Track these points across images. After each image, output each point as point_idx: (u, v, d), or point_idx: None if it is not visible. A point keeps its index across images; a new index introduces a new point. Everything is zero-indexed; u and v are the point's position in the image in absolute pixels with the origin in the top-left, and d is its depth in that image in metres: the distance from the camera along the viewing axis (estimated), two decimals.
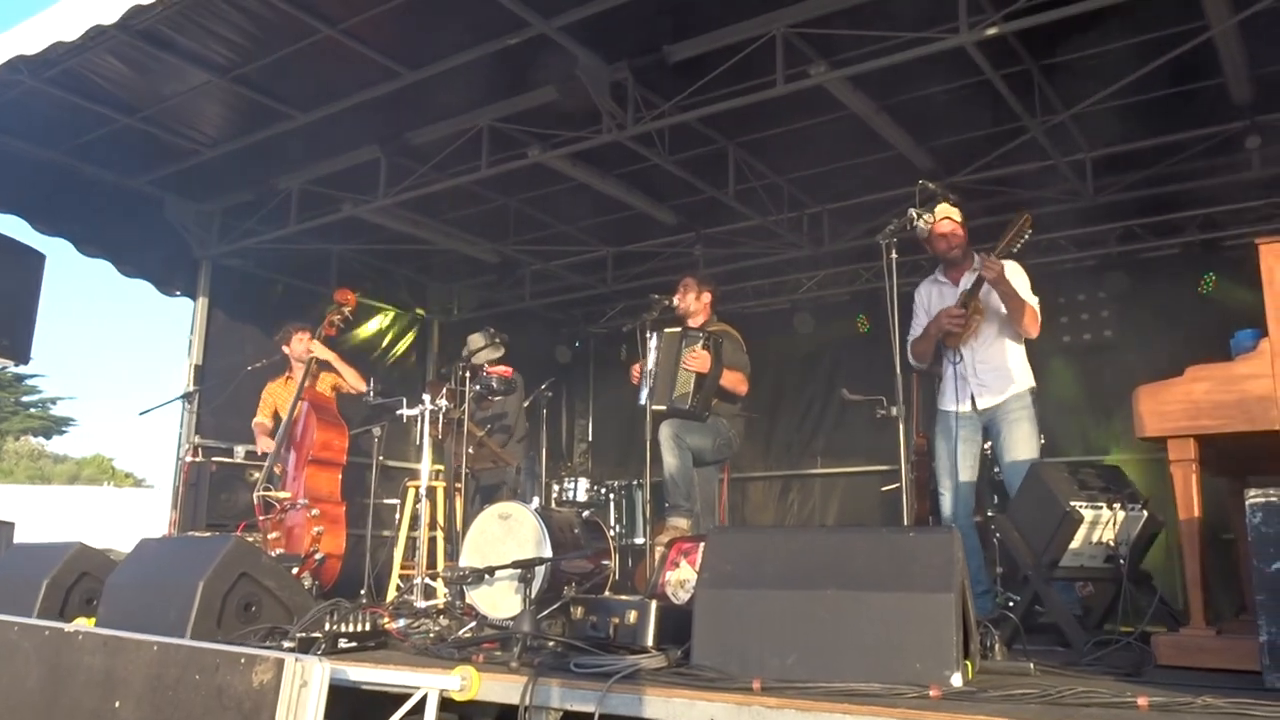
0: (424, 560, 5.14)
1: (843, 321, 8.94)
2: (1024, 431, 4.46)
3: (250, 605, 3.64)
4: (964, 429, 4.55)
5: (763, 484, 9.31)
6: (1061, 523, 3.58)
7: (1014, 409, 4.49)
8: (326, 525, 5.66)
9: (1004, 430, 4.50)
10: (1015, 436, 4.46)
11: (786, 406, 9.25)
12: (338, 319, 6.40)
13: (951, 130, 6.32)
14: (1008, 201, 6.77)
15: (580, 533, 4.83)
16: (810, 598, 2.75)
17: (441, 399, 5.33)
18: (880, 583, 2.72)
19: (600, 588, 4.74)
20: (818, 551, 2.91)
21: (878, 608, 2.67)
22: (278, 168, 6.92)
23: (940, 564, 2.70)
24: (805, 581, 2.80)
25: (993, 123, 6.08)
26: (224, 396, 7.07)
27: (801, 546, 2.96)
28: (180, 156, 6.67)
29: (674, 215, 7.69)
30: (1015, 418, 4.48)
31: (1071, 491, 3.65)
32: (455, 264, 8.97)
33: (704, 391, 5.15)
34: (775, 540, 3.03)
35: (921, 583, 2.68)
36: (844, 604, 2.71)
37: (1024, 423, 4.47)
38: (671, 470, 5.11)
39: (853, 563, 2.81)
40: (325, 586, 5.54)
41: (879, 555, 2.80)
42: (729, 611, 2.85)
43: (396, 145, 6.40)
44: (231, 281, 7.65)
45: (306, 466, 5.82)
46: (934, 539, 2.83)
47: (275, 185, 7.10)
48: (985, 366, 4.55)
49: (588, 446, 10.81)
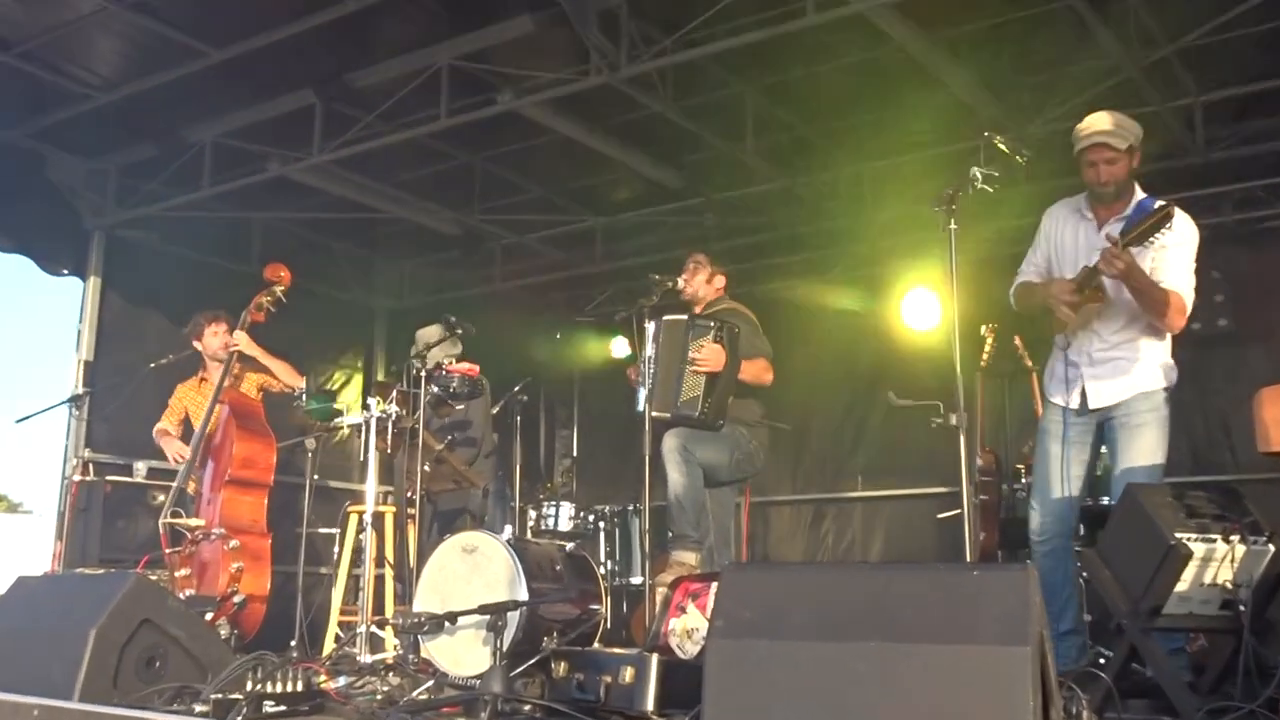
0: (369, 604, 5.12)
1: (889, 307, 8.93)
2: (1146, 441, 4.27)
3: (154, 660, 3.61)
4: (1068, 429, 4.43)
5: (790, 509, 9.29)
6: (1165, 559, 3.55)
7: (1139, 411, 4.30)
8: (248, 561, 5.64)
9: (1120, 435, 4.32)
10: (1133, 446, 4.28)
11: (820, 413, 9.23)
12: (268, 301, 6.36)
13: (1025, 70, 6.29)
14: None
15: (563, 570, 4.81)
16: (849, 652, 2.73)
17: (391, 404, 5.31)
18: (936, 633, 2.69)
19: (588, 638, 4.71)
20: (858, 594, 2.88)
21: (933, 665, 2.64)
22: (188, 117, 6.90)
23: (1012, 610, 2.68)
24: (843, 632, 2.78)
25: (1077, 60, 6.05)
26: (121, 401, 7.05)
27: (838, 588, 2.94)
28: (67, 102, 6.64)
29: (679, 177, 7.68)
30: (1139, 422, 4.29)
31: (1177, 520, 3.62)
32: (408, 237, 8.95)
33: (717, 394, 5.13)
34: (806, 580, 3.01)
35: (988, 633, 2.65)
36: (891, 660, 2.69)
37: (1148, 430, 4.28)
38: (677, 492, 5.10)
39: (902, 609, 2.79)
40: (247, 636, 5.51)
41: (934, 599, 2.78)
42: (748, 669, 2.83)
43: (335, 89, 6.38)
44: (131, 258, 7.63)
45: (224, 488, 5.80)
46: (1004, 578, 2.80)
47: (184, 138, 7.09)
48: (1104, 354, 4.38)
49: (572, 463, 10.78)
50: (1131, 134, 4.33)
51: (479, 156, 7.62)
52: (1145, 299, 4.22)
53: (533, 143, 7.22)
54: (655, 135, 7.10)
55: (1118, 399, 4.35)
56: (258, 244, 8.37)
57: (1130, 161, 4.35)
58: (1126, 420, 4.32)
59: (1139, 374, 4.35)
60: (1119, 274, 4.11)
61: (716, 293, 5.55)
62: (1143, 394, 4.32)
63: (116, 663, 3.50)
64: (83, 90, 6.54)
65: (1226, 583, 3.60)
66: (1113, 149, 4.30)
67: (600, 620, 4.84)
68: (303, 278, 8.24)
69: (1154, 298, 4.22)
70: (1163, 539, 3.57)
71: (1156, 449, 4.29)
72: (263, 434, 6.03)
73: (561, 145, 7.13)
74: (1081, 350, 4.42)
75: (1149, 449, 4.28)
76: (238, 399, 6.17)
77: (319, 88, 6.41)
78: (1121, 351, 4.38)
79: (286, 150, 6.90)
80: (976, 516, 5.89)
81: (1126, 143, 4.31)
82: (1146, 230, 4.07)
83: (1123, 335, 4.38)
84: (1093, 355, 4.40)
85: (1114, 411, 4.36)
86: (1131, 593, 3.69)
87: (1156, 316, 4.28)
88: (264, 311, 6.40)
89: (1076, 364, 4.42)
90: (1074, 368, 4.42)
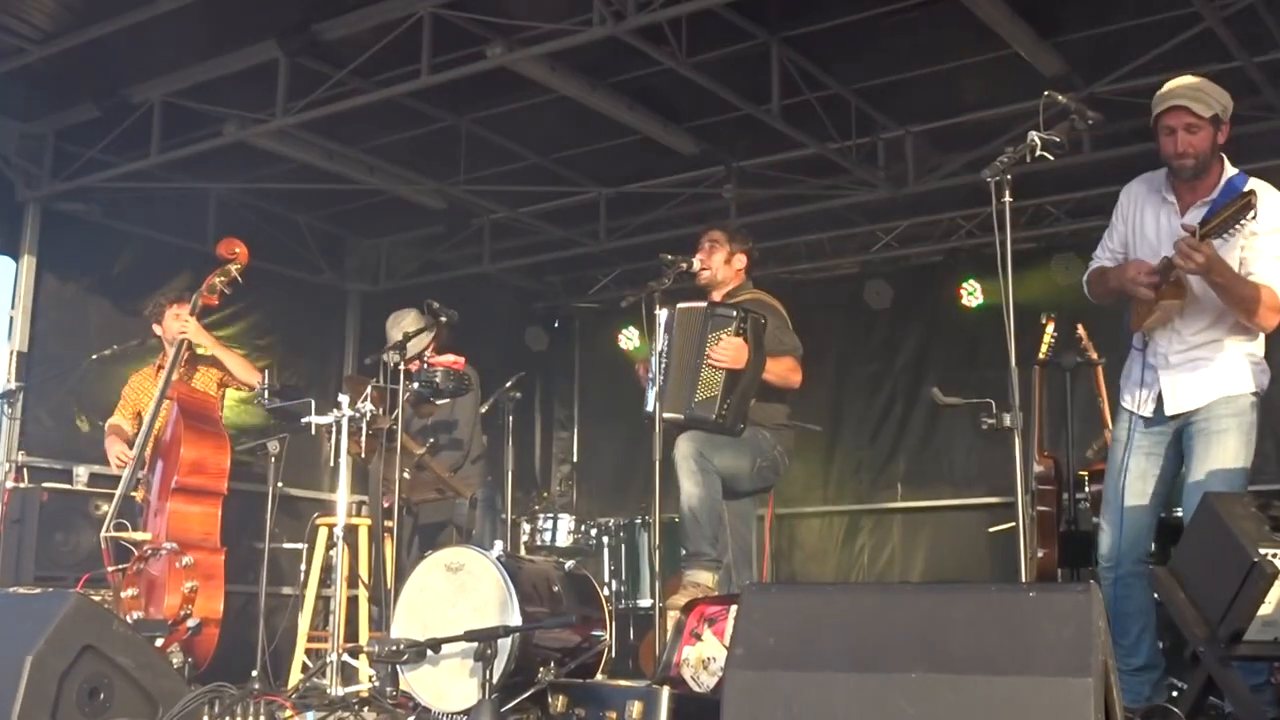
0: (340, 629, 5.15)
1: (934, 292, 8.94)
2: (1228, 447, 4.26)
3: (97, 691, 3.61)
4: (1142, 438, 4.44)
5: (820, 522, 9.32)
6: (1247, 578, 3.56)
7: (1220, 414, 4.30)
8: (202, 579, 5.67)
9: (1199, 442, 4.32)
10: (1213, 452, 4.27)
11: (854, 413, 9.25)
12: (222, 282, 6.37)
13: (1091, 20, 6.29)
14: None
15: (561, 591, 4.83)
16: (887, 684, 2.75)
17: (365, 402, 5.33)
18: (987, 664, 2.71)
19: (590, 669, 4.72)
20: (898, 618, 2.90)
21: (984, 699, 2.66)
22: (134, 73, 6.90)
23: (1073, 635, 2.70)
24: (880, 661, 2.80)
25: (1150, 9, 6.05)
26: (60, 396, 7.08)
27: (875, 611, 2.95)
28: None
29: (694, 142, 7.68)
30: (1220, 427, 4.28)
31: (1262, 534, 3.63)
32: (385, 211, 8.96)
33: (738, 395, 5.14)
34: (838, 602, 3.03)
35: (1046, 663, 2.67)
36: (935, 694, 2.71)
37: (1230, 435, 4.27)
38: (691, 503, 5.11)
39: (948, 634, 2.81)
40: (201, 665, 5.55)
41: (985, 623, 2.80)
42: (772, 703, 2.85)
43: (302, 41, 6.38)
44: (70, 234, 7.65)
45: (171, 496, 5.83)
46: (1064, 600, 2.82)
47: (130, 98, 7.09)
48: (1184, 355, 4.38)
49: (571, 469, 10.81)
50: (1218, 102, 4.29)
51: (465, 119, 7.61)
52: (1230, 295, 4.20)
53: (527, 103, 7.21)
54: (667, 95, 7.10)
55: (1198, 403, 4.34)
56: (214, 219, 8.37)
57: (1215, 134, 4.30)
58: (1206, 426, 4.31)
59: (1223, 376, 4.33)
60: (1198, 269, 4.09)
61: (737, 275, 5.55)
62: (1226, 398, 4.31)
63: (55, 694, 3.50)
64: (14, 43, 6.54)
65: None
66: (1194, 115, 4.25)
67: (604, 648, 4.85)
68: (264, 257, 8.29)
69: (1241, 294, 4.19)
70: (1245, 555, 3.58)
71: (1239, 455, 4.28)
72: (215, 435, 6.05)
73: (560, 106, 7.11)
74: (1158, 352, 4.41)
75: (1230, 455, 4.27)
76: (188, 395, 6.18)
77: (283, 40, 6.40)
78: (1204, 352, 4.36)
79: (246, 112, 6.89)
80: (1033, 530, 5.89)
81: (1212, 111, 4.27)
82: (1228, 219, 4.03)
83: (1206, 335, 4.37)
84: (1170, 357, 4.39)
85: (1193, 418, 4.35)
86: (1209, 616, 3.70)
87: (1245, 315, 4.26)
88: (217, 294, 6.40)
89: (1154, 366, 4.42)
90: (1150, 370, 4.43)
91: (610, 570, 8.11)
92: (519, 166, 8.22)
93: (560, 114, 7.30)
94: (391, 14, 6.19)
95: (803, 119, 7.10)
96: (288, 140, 7.31)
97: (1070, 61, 6.56)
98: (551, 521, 7.38)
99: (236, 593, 6.06)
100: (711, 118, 7.41)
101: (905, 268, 9.23)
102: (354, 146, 7.83)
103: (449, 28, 6.17)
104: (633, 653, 7.80)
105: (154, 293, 6.61)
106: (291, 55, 6.49)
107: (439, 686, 4.39)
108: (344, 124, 7.16)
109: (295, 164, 7.74)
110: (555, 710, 3.55)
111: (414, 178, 8.31)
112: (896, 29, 6.33)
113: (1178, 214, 4.38)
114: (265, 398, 6.04)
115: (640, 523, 8.12)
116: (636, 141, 7.65)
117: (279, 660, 5.99)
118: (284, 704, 4.26)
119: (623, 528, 8.22)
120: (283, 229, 8.94)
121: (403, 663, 4.40)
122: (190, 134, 7.12)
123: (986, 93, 6.95)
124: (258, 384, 6.21)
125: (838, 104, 7.26)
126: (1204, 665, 3.72)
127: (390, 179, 8.24)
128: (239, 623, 6.26)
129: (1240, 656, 3.71)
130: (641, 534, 8.08)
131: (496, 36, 6.15)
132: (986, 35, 6.22)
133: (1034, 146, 4.12)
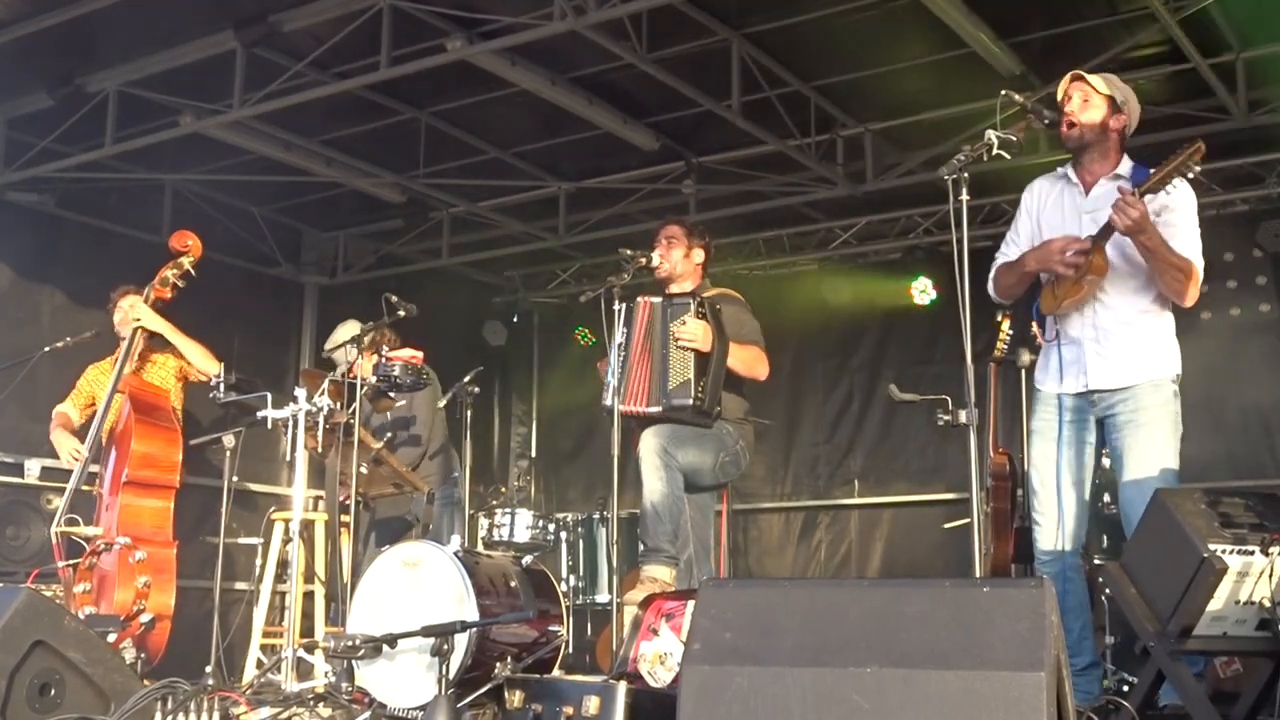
0: (296, 625, 5.12)
1: (892, 289, 8.98)
2: (1157, 439, 4.28)
3: (49, 687, 3.60)
4: (1069, 429, 4.42)
5: (778, 518, 9.35)
6: (1197, 573, 3.60)
7: (1147, 404, 4.30)
8: (154, 574, 5.63)
9: (1127, 434, 4.31)
10: (1144, 445, 4.28)
11: (811, 409, 9.29)
12: (175, 275, 6.33)
13: (1048, 20, 6.35)
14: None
15: (519, 586, 4.82)
16: (843, 678, 2.76)
17: (322, 396, 5.30)
18: (942, 658, 2.73)
19: (547, 664, 4.74)
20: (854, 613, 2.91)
21: (939, 693, 2.68)
22: (88, 62, 6.83)
23: (1026, 630, 2.72)
24: (837, 656, 2.81)
25: (1105, 9, 6.11)
26: (9, 389, 6.99)
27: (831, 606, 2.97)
28: None
29: (654, 137, 7.69)
30: (1148, 418, 4.29)
31: (1211, 530, 3.66)
32: (342, 204, 8.92)
33: (710, 377, 5.14)
34: (795, 597, 3.04)
35: (1000, 657, 2.69)
36: (891, 688, 2.72)
37: (1159, 426, 4.29)
38: (654, 499, 5.10)
39: (903, 629, 2.82)
40: (154, 660, 5.52)
41: (940, 618, 2.81)
42: (728, 698, 2.86)
43: (259, 32, 6.33)
44: (22, 224, 7.58)
45: (122, 490, 5.79)
46: (1017, 595, 2.84)
47: (84, 88, 7.01)
48: (1110, 328, 4.37)
49: (530, 464, 10.80)
50: (1120, 90, 4.43)
51: (425, 112, 7.58)
52: (1160, 261, 4.22)
53: (487, 97, 7.19)
54: (628, 90, 7.11)
55: (1123, 382, 4.34)
56: (169, 210, 8.30)
57: (1109, 115, 4.41)
58: (1133, 417, 4.31)
59: (1150, 356, 4.35)
60: (1133, 225, 4.10)
61: (696, 270, 5.55)
62: (1151, 383, 4.32)
63: (5, 690, 3.49)
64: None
65: (1265, 600, 3.66)
66: (1091, 87, 4.40)
67: (561, 644, 4.86)
68: (220, 249, 8.24)
69: (1170, 260, 4.22)
70: (1195, 551, 3.62)
71: (1168, 446, 4.30)
72: (166, 428, 6.00)
73: (520, 101, 7.11)
74: (1085, 323, 4.41)
75: (1159, 446, 4.29)
76: (139, 388, 6.13)
77: (240, 30, 6.35)
78: (1134, 324, 4.38)
79: (202, 103, 6.84)
80: (987, 526, 5.94)
81: (1110, 92, 4.40)
82: (1172, 171, 4.07)
83: (1135, 304, 4.39)
84: (1099, 325, 4.39)
85: (1118, 406, 4.35)
86: (1160, 612, 3.74)
87: (1172, 283, 4.28)
88: (170, 287, 6.34)
89: (1077, 342, 4.41)
90: (1075, 345, 4.42)
91: (568, 565, 8.13)
92: (478, 160, 8.19)
93: (520, 108, 7.29)
94: (351, 5, 6.15)
95: (762, 116, 7.12)
96: (245, 132, 7.26)
97: (1027, 61, 6.62)
98: (509, 517, 7.37)
99: (191, 588, 6.02)
100: (672, 113, 7.41)
101: (863, 265, 9.27)
102: (312, 139, 7.79)
103: (409, 20, 6.14)
104: (590, 648, 7.81)
105: (107, 285, 6.54)
106: (249, 46, 6.44)
107: (395, 682, 4.38)
108: (302, 116, 7.11)
109: (252, 155, 7.69)
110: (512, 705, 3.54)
111: (372, 170, 8.27)
112: (856, 27, 6.36)
113: (1082, 194, 4.47)
114: (221, 391, 5.99)
115: (598, 518, 8.14)
116: (597, 136, 7.64)
117: (233, 656, 5.97)
118: (238, 700, 4.23)
119: (581, 523, 8.24)
120: (239, 221, 8.86)
121: (359, 658, 4.39)
122: (146, 124, 7.05)
123: (944, 92, 6.99)
124: (216, 375, 6.16)
125: (797, 101, 7.29)
126: (1154, 660, 3.76)
127: (348, 172, 8.20)
128: (193, 618, 6.22)
129: (1190, 651, 3.75)
130: (599, 529, 8.10)
131: (457, 29, 6.14)
132: (945, 34, 6.26)
133: (991, 145, 4.16)
